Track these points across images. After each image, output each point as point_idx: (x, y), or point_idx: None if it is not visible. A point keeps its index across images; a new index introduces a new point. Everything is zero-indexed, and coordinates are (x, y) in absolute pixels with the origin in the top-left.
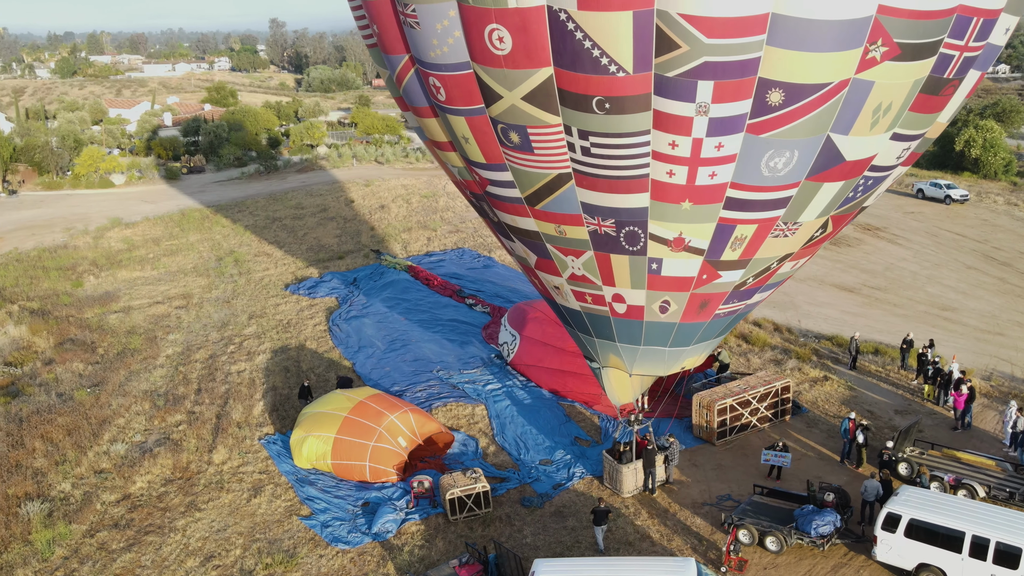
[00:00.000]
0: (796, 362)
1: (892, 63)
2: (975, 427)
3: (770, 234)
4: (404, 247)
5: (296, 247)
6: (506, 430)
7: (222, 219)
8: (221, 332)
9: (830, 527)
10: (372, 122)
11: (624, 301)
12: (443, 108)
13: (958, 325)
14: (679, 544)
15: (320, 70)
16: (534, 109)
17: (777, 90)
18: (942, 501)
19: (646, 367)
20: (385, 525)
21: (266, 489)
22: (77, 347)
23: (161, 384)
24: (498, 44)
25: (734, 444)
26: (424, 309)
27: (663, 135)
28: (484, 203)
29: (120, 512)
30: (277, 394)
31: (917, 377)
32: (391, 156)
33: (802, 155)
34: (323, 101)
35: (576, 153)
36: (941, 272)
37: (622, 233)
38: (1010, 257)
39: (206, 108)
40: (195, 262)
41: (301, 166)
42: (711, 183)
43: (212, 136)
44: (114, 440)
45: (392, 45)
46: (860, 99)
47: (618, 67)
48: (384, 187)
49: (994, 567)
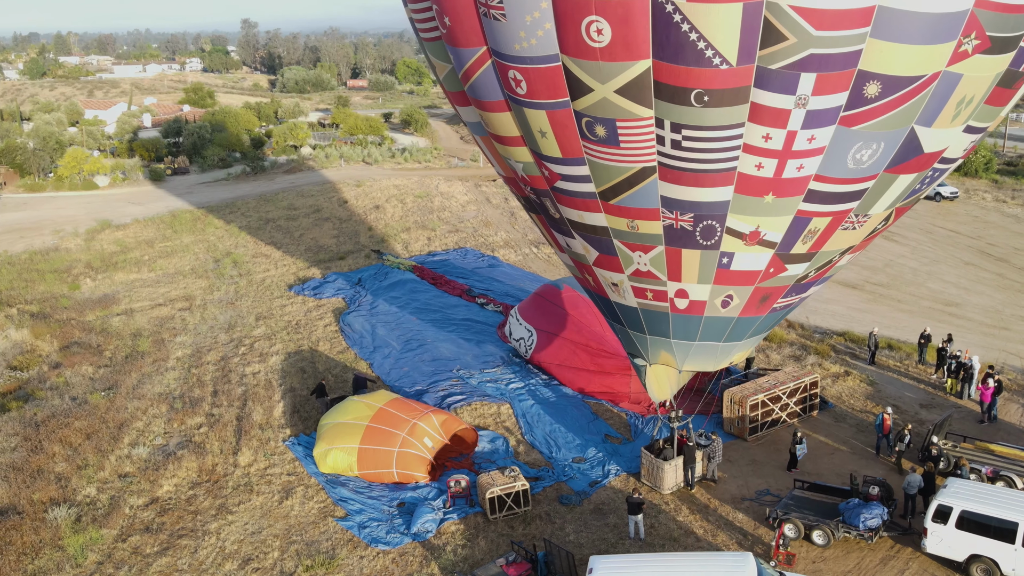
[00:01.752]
0: (816, 358)
1: (982, 56)
2: (1001, 420)
3: (840, 226)
4: (405, 247)
5: (294, 248)
6: (535, 429)
7: (214, 220)
8: (229, 334)
9: (878, 520)
10: (355, 123)
11: (687, 296)
12: (521, 102)
13: (963, 320)
14: (724, 539)
15: (294, 71)
16: (626, 102)
17: (875, 82)
18: (992, 492)
19: (697, 363)
20: (425, 525)
21: (297, 491)
22: (83, 350)
23: (175, 387)
24: (595, 36)
25: (765, 439)
26: (436, 309)
27: (757, 128)
28: (547, 199)
29: (150, 516)
30: (296, 395)
31: (937, 371)
32: (379, 156)
33: (887, 147)
34: (302, 102)
35: (665, 147)
36: (940, 268)
37: (699, 227)
38: (1005, 253)
39: (185, 109)
40: (192, 264)
41: (288, 167)
42: (797, 176)
43: (195, 137)
44: (135, 443)
45: (467, 38)
46: (948, 91)
47: (722, 59)
48: (376, 187)
49: None
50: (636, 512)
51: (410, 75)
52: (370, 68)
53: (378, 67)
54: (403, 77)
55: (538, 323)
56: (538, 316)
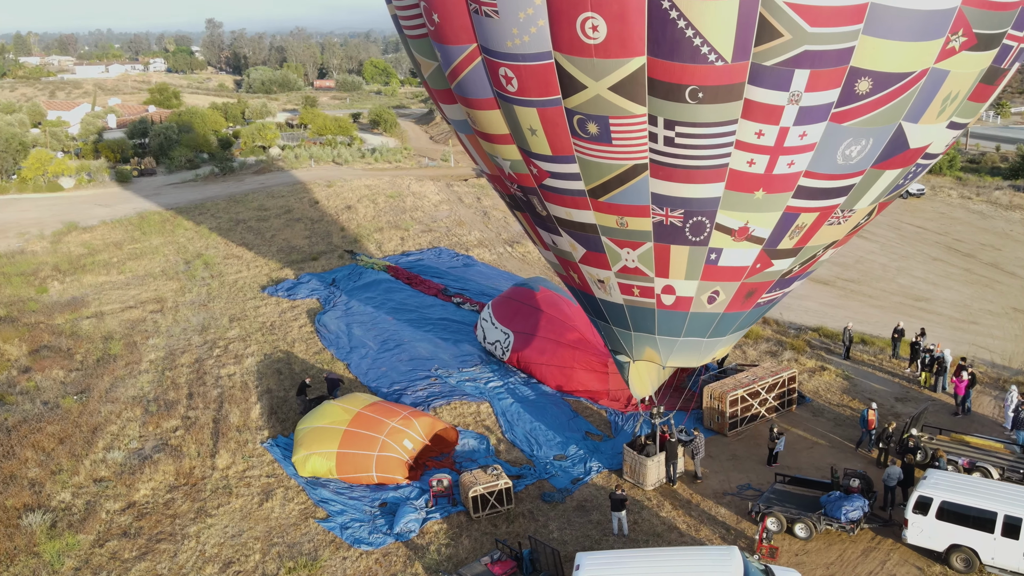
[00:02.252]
0: (792, 353)
1: (968, 53)
2: (974, 412)
3: (826, 222)
4: (378, 247)
5: (266, 249)
6: (515, 427)
7: (184, 221)
8: (203, 336)
9: (859, 512)
10: (324, 123)
11: (674, 292)
12: (511, 99)
13: (933, 315)
14: (707, 534)
15: (261, 71)
16: (620, 99)
17: (866, 79)
18: (971, 483)
19: (681, 359)
20: (408, 525)
21: (277, 493)
22: (53, 354)
23: (149, 390)
24: (591, 33)
25: (745, 434)
26: (411, 309)
27: (750, 124)
28: (534, 196)
29: (127, 520)
30: (273, 397)
31: (911, 365)
32: (349, 157)
33: (875, 143)
34: (269, 102)
35: (657, 144)
36: (909, 264)
37: (688, 224)
38: (972, 249)
39: (151, 110)
40: (162, 265)
41: (258, 167)
42: (788, 172)
43: (162, 138)
44: (109, 447)
45: (456, 35)
46: (935, 88)
47: (717, 55)
48: (347, 188)
49: None
50: (619, 508)
51: (377, 75)
52: (337, 68)
53: (345, 67)
54: (370, 77)
55: (514, 325)
56: (513, 318)
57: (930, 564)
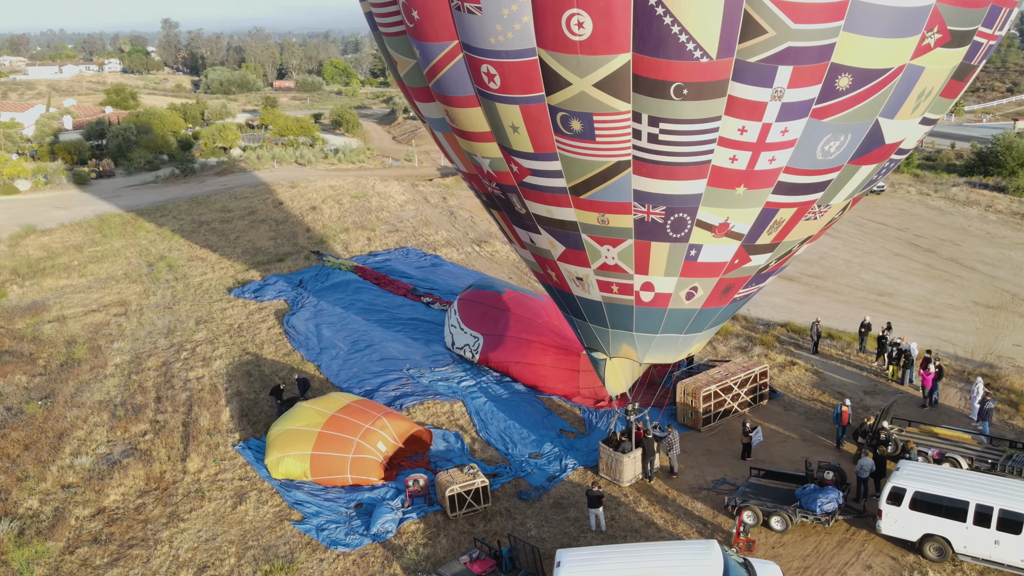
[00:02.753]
0: (762, 348)
1: (942, 50)
2: (941, 404)
3: (803, 217)
4: (345, 247)
5: (230, 250)
6: (489, 426)
7: (145, 224)
8: (169, 339)
9: (834, 504)
10: (286, 123)
11: (653, 289)
12: (493, 96)
13: (896, 309)
14: (684, 528)
15: (219, 71)
16: (605, 96)
17: (847, 75)
18: (943, 473)
19: (657, 355)
20: (384, 525)
21: (250, 496)
22: (15, 359)
23: (116, 394)
24: (576, 30)
25: (718, 429)
26: (381, 309)
27: (733, 121)
28: (513, 194)
29: (97, 527)
30: (243, 399)
31: (878, 359)
32: (312, 157)
33: (853, 139)
34: (229, 103)
35: (641, 140)
36: (872, 260)
37: (670, 220)
38: (932, 244)
39: (107, 111)
40: (124, 268)
41: (219, 169)
42: (769, 168)
43: (120, 139)
44: (77, 453)
45: (436, 32)
46: (910, 84)
47: (703, 52)
48: (311, 188)
49: (998, 533)
50: (596, 505)
51: (337, 75)
52: (296, 69)
53: (304, 68)
54: (330, 78)
55: (483, 328)
56: (482, 322)
57: (904, 554)
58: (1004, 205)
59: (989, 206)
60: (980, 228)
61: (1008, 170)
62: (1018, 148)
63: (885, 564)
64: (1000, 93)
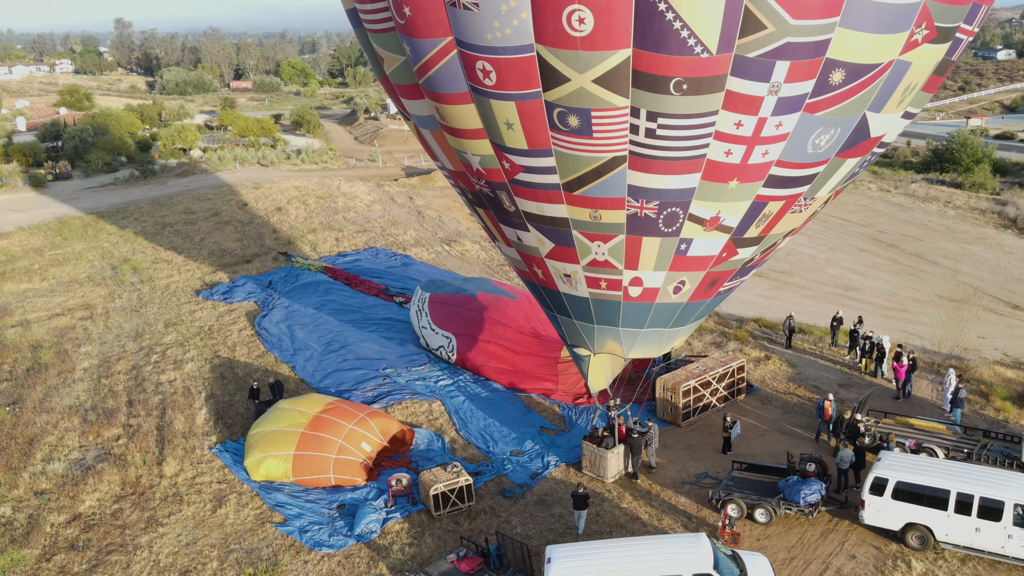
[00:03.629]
0: (736, 344)
1: (929, 45)
2: (914, 395)
3: (790, 210)
4: (313, 248)
5: (196, 252)
6: (469, 424)
7: (107, 226)
8: (138, 342)
9: (817, 495)
10: (246, 124)
11: (641, 284)
12: (488, 93)
13: (863, 303)
14: (669, 523)
15: (174, 72)
16: (604, 92)
17: (840, 70)
18: (924, 463)
19: (642, 350)
20: (368, 525)
21: (230, 499)
22: None
23: (86, 398)
24: (577, 25)
25: (698, 424)
26: (353, 309)
27: (730, 115)
28: (503, 192)
29: (73, 533)
30: (217, 402)
31: (850, 352)
32: (274, 158)
33: (842, 132)
34: (186, 104)
35: (638, 136)
36: (837, 255)
37: (662, 215)
38: (895, 239)
39: (62, 112)
40: (88, 271)
41: (180, 170)
42: (762, 161)
43: (76, 141)
44: (49, 459)
45: (429, 28)
46: (897, 79)
47: (703, 47)
48: (275, 189)
49: (978, 520)
50: (582, 507)
51: (295, 76)
52: (253, 69)
53: (262, 68)
54: (288, 78)
55: (455, 328)
56: (454, 322)
57: (886, 543)
58: (962, 201)
59: (948, 202)
60: (940, 223)
61: (963, 167)
62: (972, 145)
63: (869, 553)
64: (952, 92)
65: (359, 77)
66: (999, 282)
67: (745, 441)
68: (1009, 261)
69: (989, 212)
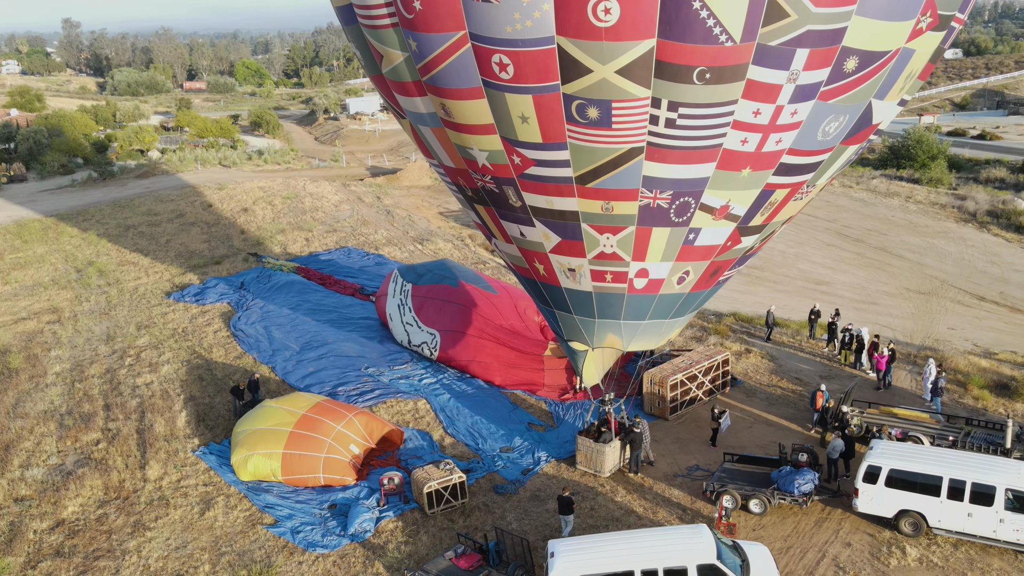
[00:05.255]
0: (717, 337)
1: (931, 33)
2: (894, 386)
3: (793, 197)
4: (284, 248)
5: (163, 254)
6: (456, 422)
7: (68, 228)
8: (110, 345)
9: (811, 485)
10: (204, 125)
11: (647, 276)
12: (502, 87)
13: (834, 297)
14: (664, 515)
15: (126, 73)
16: (626, 83)
17: (854, 57)
18: (916, 451)
19: (642, 342)
20: (362, 525)
21: (217, 501)
22: None
23: (61, 403)
24: (602, 16)
25: (685, 417)
26: (330, 309)
27: (749, 104)
28: (510, 187)
29: (58, 539)
30: (198, 404)
31: (828, 344)
32: (236, 159)
33: (850, 120)
34: (141, 105)
35: (658, 126)
36: (806, 250)
37: (675, 205)
38: (860, 234)
39: (13, 113)
40: (51, 275)
41: (140, 171)
42: (775, 149)
43: (30, 142)
44: (26, 465)
45: (441, 22)
46: (902, 66)
47: (728, 36)
48: (240, 190)
49: (970, 506)
50: (568, 511)
51: (250, 76)
52: (207, 70)
53: (215, 68)
54: (243, 79)
55: (441, 324)
56: (439, 318)
57: (880, 530)
58: (923, 196)
59: (909, 197)
60: (903, 218)
61: (919, 163)
62: (927, 142)
63: (863, 541)
64: None
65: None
66: (964, 275)
67: (733, 433)
68: (972, 254)
69: (949, 207)
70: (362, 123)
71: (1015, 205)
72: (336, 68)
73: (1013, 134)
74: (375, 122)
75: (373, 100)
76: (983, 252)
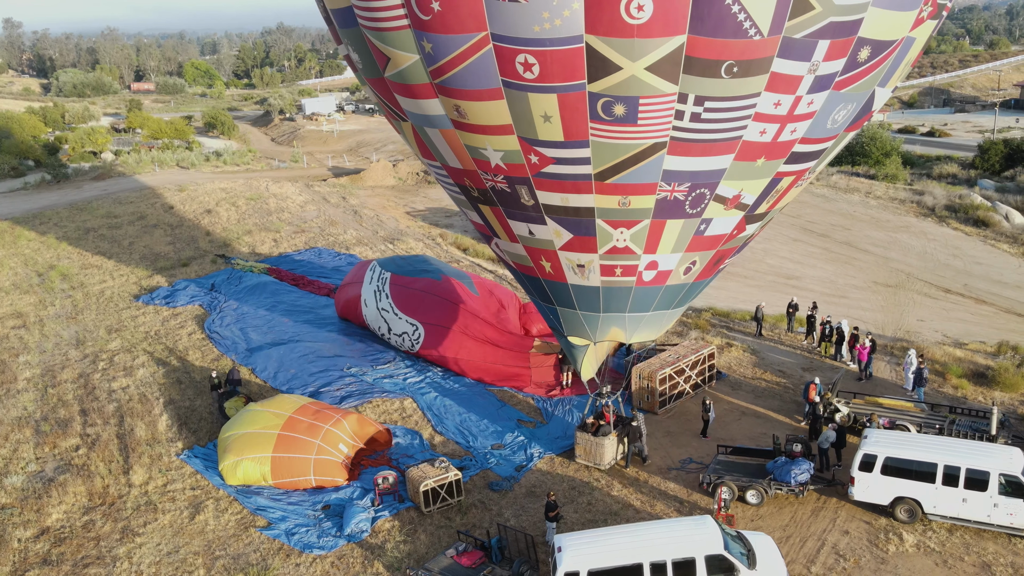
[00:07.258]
0: (698, 332)
1: (929, 21)
2: (875, 376)
3: (795, 185)
4: (252, 249)
5: (127, 257)
6: (445, 420)
7: (24, 232)
8: (81, 350)
9: (807, 474)
10: (158, 126)
11: (656, 268)
12: (525, 87)
13: (805, 291)
14: (662, 508)
15: (71, 74)
16: (655, 79)
17: (867, 47)
18: (910, 439)
19: (644, 333)
20: (359, 525)
21: (207, 505)
22: None
23: (35, 409)
24: (635, 13)
25: (674, 411)
26: (306, 309)
27: (770, 95)
28: (523, 187)
29: (44, 547)
30: (178, 407)
31: (807, 337)
32: (195, 160)
33: (855, 107)
34: (90, 106)
35: (682, 121)
36: (774, 246)
37: (690, 197)
38: (825, 229)
39: None
40: (12, 279)
41: (96, 173)
42: (789, 139)
43: None
44: (5, 472)
45: (462, 23)
46: (903, 55)
47: (756, 30)
48: (201, 191)
49: (965, 492)
50: (550, 518)
51: (200, 77)
52: (155, 70)
53: (163, 69)
54: (192, 79)
55: (423, 316)
56: (421, 310)
57: (876, 517)
58: (882, 191)
59: (868, 193)
60: (864, 213)
61: (874, 159)
62: (881, 139)
63: (861, 528)
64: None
65: (267, 78)
66: (928, 267)
67: (723, 425)
68: (934, 247)
69: (908, 202)
70: (319, 124)
71: (971, 200)
72: (288, 69)
73: (961, 131)
74: (332, 123)
75: (329, 101)
76: (944, 245)
